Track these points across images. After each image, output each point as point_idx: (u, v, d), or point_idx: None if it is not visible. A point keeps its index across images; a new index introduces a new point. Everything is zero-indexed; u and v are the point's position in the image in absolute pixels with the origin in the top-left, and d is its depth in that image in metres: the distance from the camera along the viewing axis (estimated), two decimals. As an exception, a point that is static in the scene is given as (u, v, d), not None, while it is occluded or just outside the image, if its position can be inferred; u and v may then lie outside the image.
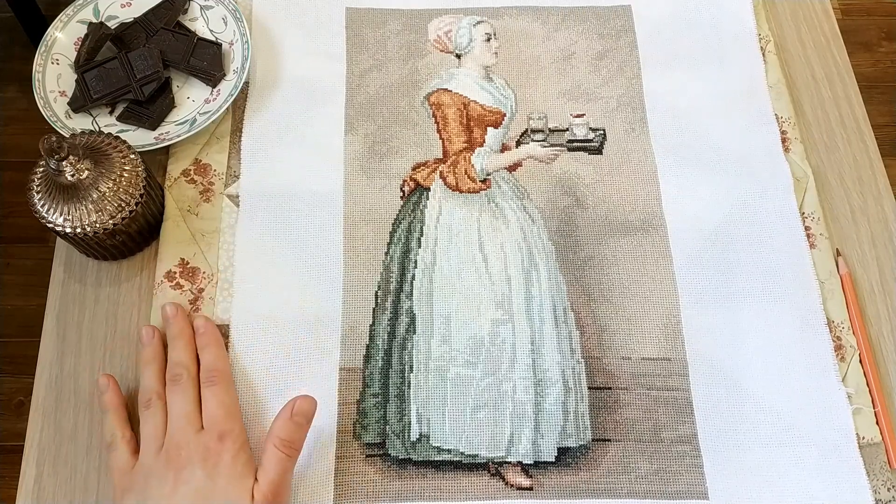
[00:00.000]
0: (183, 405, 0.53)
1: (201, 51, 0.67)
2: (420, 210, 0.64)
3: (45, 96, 0.65)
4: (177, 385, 0.54)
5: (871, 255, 0.65)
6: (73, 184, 0.55)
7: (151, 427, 0.53)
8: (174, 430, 0.52)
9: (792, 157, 0.67)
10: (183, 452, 0.51)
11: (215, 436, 0.52)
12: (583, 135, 0.67)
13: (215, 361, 0.56)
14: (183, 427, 0.52)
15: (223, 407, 0.53)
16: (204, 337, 0.57)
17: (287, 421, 0.52)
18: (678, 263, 0.63)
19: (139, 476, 0.51)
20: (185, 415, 0.52)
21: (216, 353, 0.56)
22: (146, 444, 0.52)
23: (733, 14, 0.74)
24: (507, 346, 0.59)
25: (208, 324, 0.58)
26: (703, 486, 0.56)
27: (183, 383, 0.54)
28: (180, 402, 0.53)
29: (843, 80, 0.72)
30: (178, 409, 0.53)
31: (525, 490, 0.56)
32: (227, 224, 0.63)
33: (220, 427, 0.52)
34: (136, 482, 0.51)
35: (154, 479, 0.50)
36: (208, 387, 0.54)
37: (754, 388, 0.59)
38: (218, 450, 0.51)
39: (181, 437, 0.52)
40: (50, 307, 0.61)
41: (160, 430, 0.52)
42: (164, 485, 0.50)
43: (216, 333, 0.58)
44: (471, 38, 0.71)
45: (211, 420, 0.53)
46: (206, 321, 0.58)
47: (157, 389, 0.54)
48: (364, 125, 0.67)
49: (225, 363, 0.56)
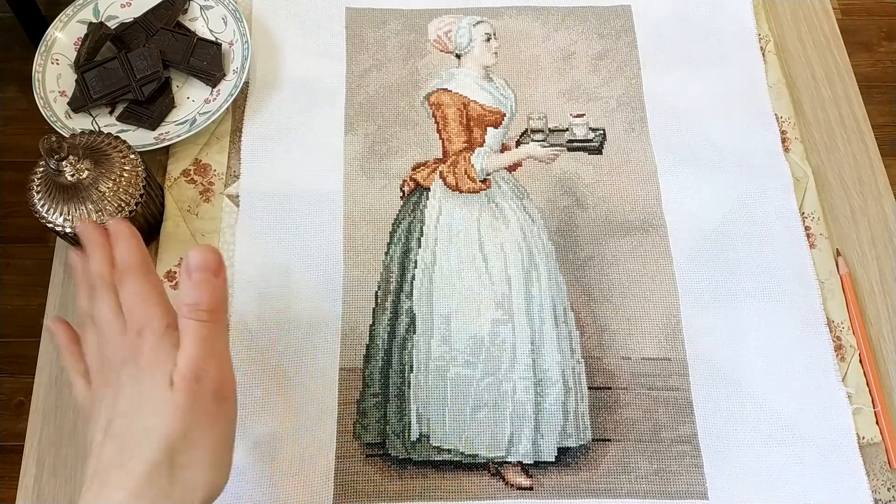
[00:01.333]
0: (102, 314, 0.47)
1: (201, 51, 0.67)
2: (420, 210, 0.64)
3: (45, 96, 0.65)
4: (94, 295, 0.48)
5: (871, 255, 0.65)
6: (73, 184, 0.55)
7: (89, 347, 0.47)
8: (102, 343, 0.46)
9: (792, 157, 0.67)
10: (113, 361, 0.45)
11: (134, 332, 0.45)
12: (583, 135, 0.67)
13: (127, 252, 0.47)
14: (107, 336, 0.46)
15: (138, 298, 0.46)
16: (114, 236, 0.48)
17: (189, 282, 0.44)
18: (678, 263, 0.63)
19: (93, 400, 0.46)
20: (106, 323, 0.46)
21: (126, 246, 0.48)
22: (91, 369, 0.47)
23: (733, 14, 0.74)
24: (507, 346, 0.59)
25: (119, 221, 0.49)
26: (703, 486, 0.56)
27: (99, 291, 0.47)
28: (100, 311, 0.47)
29: (843, 80, 0.72)
30: (100, 320, 0.47)
31: (525, 490, 0.56)
32: (227, 224, 0.63)
33: (138, 321, 0.45)
34: (92, 408, 0.46)
35: (97, 399, 0.45)
36: (120, 285, 0.47)
37: (754, 388, 0.59)
38: (138, 345, 0.44)
39: (108, 346, 0.46)
40: (50, 307, 0.61)
41: (98, 347, 0.47)
42: (105, 403, 0.44)
43: (126, 228, 0.49)
44: (471, 38, 0.71)
45: (130, 318, 0.45)
46: (117, 220, 0.50)
47: (87, 308, 0.49)
48: (364, 125, 0.67)
49: (135, 255, 0.47)
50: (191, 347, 0.43)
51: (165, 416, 0.41)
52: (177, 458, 0.41)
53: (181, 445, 0.41)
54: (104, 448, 0.42)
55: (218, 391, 0.43)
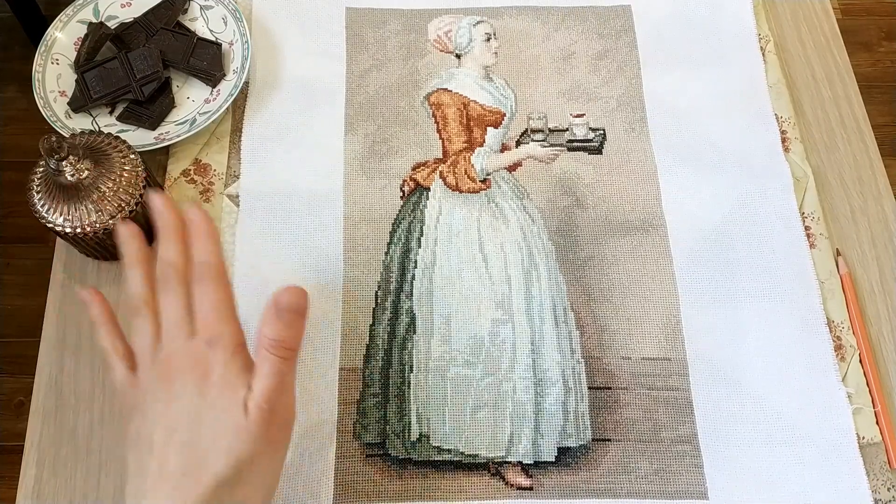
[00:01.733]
0: (173, 310, 0.47)
1: (201, 51, 0.67)
2: (420, 210, 0.64)
3: (45, 96, 0.65)
4: (166, 286, 0.47)
5: (871, 255, 0.65)
6: (73, 184, 0.55)
7: (143, 337, 0.47)
8: (165, 339, 0.46)
9: (792, 157, 0.67)
10: (174, 363, 0.45)
11: (205, 341, 0.45)
12: (583, 135, 0.67)
13: (206, 255, 0.48)
14: (173, 334, 0.46)
15: (214, 307, 0.46)
16: (196, 230, 0.49)
17: (274, 320, 0.45)
18: (678, 263, 0.63)
19: (139, 392, 0.46)
20: (176, 321, 0.46)
21: (207, 246, 0.48)
22: (140, 358, 0.47)
23: (733, 14, 0.74)
24: (507, 346, 0.59)
25: (201, 213, 0.49)
26: (703, 486, 0.56)
27: (172, 285, 0.47)
28: (169, 307, 0.47)
29: (843, 80, 0.72)
30: (167, 315, 0.47)
31: (525, 490, 0.56)
32: (227, 224, 0.63)
33: (211, 331, 0.46)
34: (137, 399, 0.46)
35: (150, 395, 0.45)
36: (197, 284, 0.47)
37: (754, 388, 0.59)
38: (208, 358, 0.45)
39: (171, 345, 0.46)
40: (50, 307, 0.61)
41: (153, 337, 0.47)
42: (158, 402, 0.45)
43: (208, 224, 0.49)
44: (471, 38, 0.71)
45: (201, 324, 0.46)
46: (198, 211, 0.50)
47: (145, 295, 0.48)
48: (364, 125, 0.67)
49: (217, 257, 0.48)
50: (268, 380, 0.44)
51: (240, 439, 0.43)
52: (243, 477, 0.43)
53: (249, 467, 0.43)
54: (168, 454, 0.43)
55: (285, 421, 0.46)
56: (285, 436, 0.46)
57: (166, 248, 0.48)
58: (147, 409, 0.45)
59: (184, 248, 0.49)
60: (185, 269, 0.48)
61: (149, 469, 0.44)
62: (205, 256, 0.48)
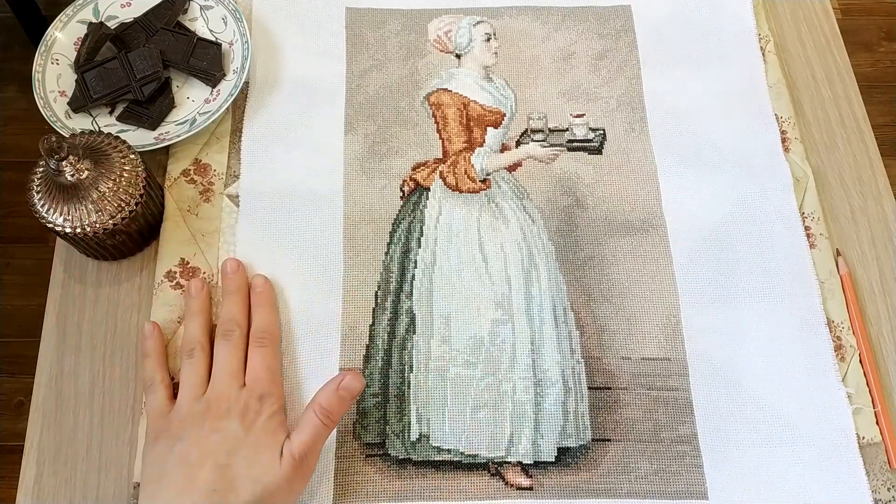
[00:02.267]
0: (231, 360, 0.54)
1: (201, 51, 0.67)
2: (420, 210, 0.64)
3: (45, 96, 0.65)
4: (228, 340, 0.55)
5: (871, 255, 0.65)
6: (73, 184, 0.55)
7: (192, 375, 0.54)
8: (217, 382, 0.53)
9: (792, 157, 0.67)
10: (223, 405, 0.52)
11: (257, 395, 0.53)
12: (583, 135, 0.67)
13: (268, 324, 0.57)
14: (227, 381, 0.53)
15: (268, 370, 0.54)
16: (261, 296, 0.58)
17: (333, 392, 0.52)
18: (678, 263, 0.63)
19: (175, 419, 0.52)
20: (232, 370, 0.54)
21: (269, 315, 0.57)
22: (185, 391, 0.53)
23: (733, 14, 0.74)
24: (507, 346, 0.59)
25: (266, 283, 0.59)
26: (703, 486, 0.56)
27: (235, 339, 0.55)
28: (228, 357, 0.54)
29: (843, 80, 0.72)
30: (224, 363, 0.54)
31: (525, 490, 0.56)
32: (227, 224, 0.63)
33: (263, 388, 0.53)
34: (171, 425, 0.52)
35: (190, 422, 0.51)
36: (257, 347, 0.55)
37: (754, 388, 0.59)
38: (257, 408, 0.52)
39: (223, 389, 0.53)
40: (50, 307, 0.61)
41: (201, 378, 0.54)
42: (199, 429, 0.51)
43: (272, 294, 0.59)
44: (471, 38, 0.71)
45: (255, 380, 0.54)
46: (265, 280, 0.59)
47: (202, 340, 0.55)
48: (364, 125, 0.67)
49: (276, 327, 0.57)
50: (307, 436, 0.51)
51: (270, 474, 0.50)
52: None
53: (269, 501, 0.50)
54: (200, 471, 0.49)
55: (307, 472, 0.52)
56: (302, 485, 0.52)
57: (231, 306, 0.57)
58: (185, 435, 0.51)
59: (247, 310, 0.57)
60: (245, 329, 0.56)
61: (176, 481, 0.49)
62: (266, 325, 0.57)
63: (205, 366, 0.54)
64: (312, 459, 0.52)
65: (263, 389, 0.53)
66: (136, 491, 0.54)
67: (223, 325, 0.56)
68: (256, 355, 0.55)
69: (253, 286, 0.59)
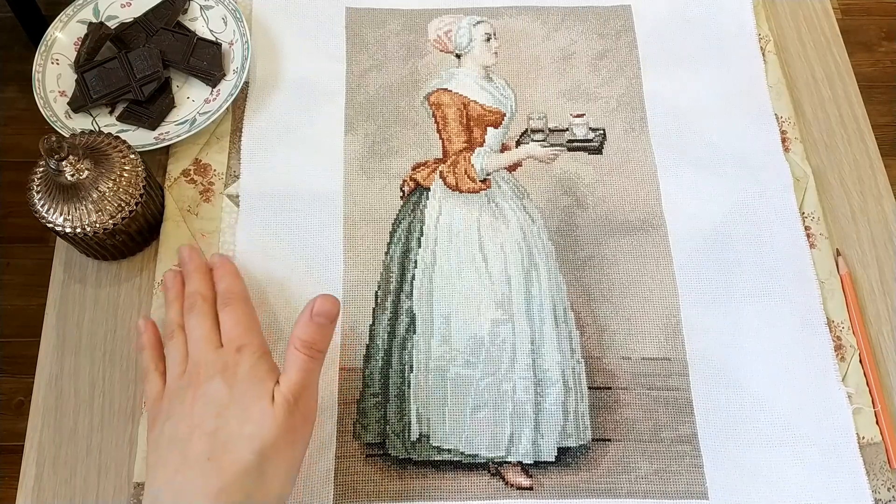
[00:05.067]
0: (200, 328, 0.53)
1: (201, 51, 0.67)
2: (420, 210, 0.64)
3: (45, 96, 0.65)
4: (193, 311, 0.54)
5: (871, 255, 0.65)
6: (73, 184, 0.55)
7: (174, 354, 0.53)
8: (193, 352, 0.52)
9: (792, 157, 0.67)
10: (202, 370, 0.50)
11: (233, 349, 0.51)
12: (583, 135, 0.67)
13: (230, 285, 0.56)
14: (202, 347, 0.52)
15: (240, 324, 0.53)
16: (220, 269, 0.57)
17: (307, 322, 0.50)
18: (678, 263, 0.63)
19: (165, 400, 0.51)
20: (203, 336, 0.52)
21: (230, 279, 0.56)
22: (170, 371, 0.53)
23: (733, 14, 0.74)
24: (507, 346, 0.59)
25: (223, 258, 0.59)
26: (703, 486, 0.56)
27: (198, 307, 0.54)
28: (197, 326, 0.53)
29: (843, 80, 0.72)
30: (195, 333, 0.53)
31: (525, 490, 0.56)
32: (227, 224, 0.63)
33: (238, 341, 0.52)
34: (163, 406, 0.51)
35: (175, 399, 0.50)
36: (224, 307, 0.54)
37: (754, 388, 0.59)
38: (236, 360, 0.50)
39: (200, 356, 0.51)
40: (50, 307, 0.61)
41: (182, 355, 0.53)
42: (183, 402, 0.49)
43: (231, 265, 0.58)
44: (471, 38, 0.71)
45: (229, 337, 0.52)
46: (221, 256, 0.59)
47: (179, 321, 0.55)
48: (364, 125, 0.67)
49: (239, 286, 0.56)
50: (295, 375, 0.49)
51: (265, 426, 0.47)
52: (265, 465, 0.46)
53: (271, 455, 0.47)
54: (192, 444, 0.47)
55: (307, 415, 0.50)
56: (306, 431, 0.50)
57: (192, 283, 0.56)
58: (172, 411, 0.49)
59: (209, 283, 0.56)
60: (210, 298, 0.55)
61: (170, 460, 0.47)
62: (229, 287, 0.55)
63: (184, 343, 0.54)
64: (310, 400, 0.50)
65: (239, 342, 0.51)
66: (136, 491, 0.54)
67: (187, 301, 0.55)
68: (225, 314, 0.54)
69: (212, 264, 0.58)
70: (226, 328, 0.53)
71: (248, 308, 0.55)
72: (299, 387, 0.49)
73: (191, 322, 0.54)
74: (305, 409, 0.49)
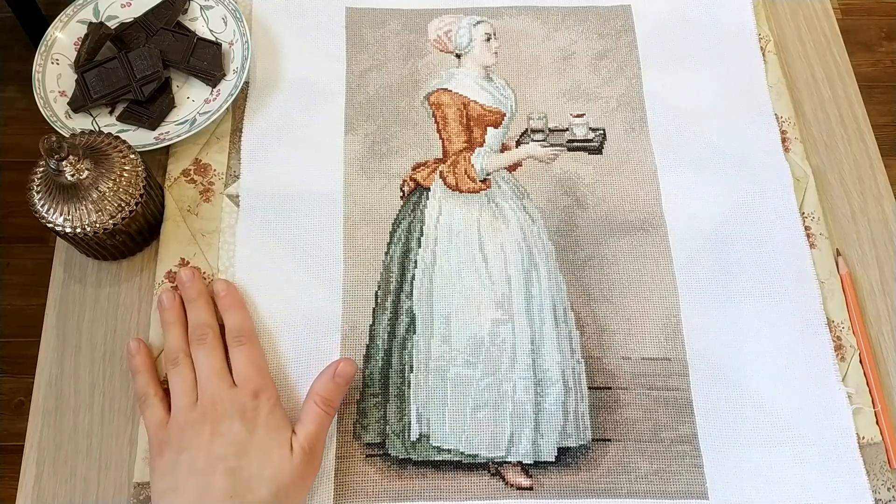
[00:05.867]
0: (212, 362, 0.54)
1: (201, 51, 0.67)
2: (420, 210, 0.64)
3: (45, 96, 0.65)
4: (203, 344, 0.55)
5: (871, 255, 0.65)
6: (73, 184, 0.55)
7: (181, 383, 0.54)
8: (206, 386, 0.53)
9: (792, 157, 0.67)
10: (219, 407, 0.52)
11: (249, 392, 0.53)
12: (583, 135, 0.67)
13: (241, 322, 0.57)
14: (215, 383, 0.53)
15: (254, 365, 0.55)
16: (226, 299, 0.58)
17: (329, 380, 0.54)
18: (678, 263, 0.63)
19: (174, 429, 0.52)
20: (216, 372, 0.54)
21: (240, 314, 0.57)
22: (178, 400, 0.53)
23: (733, 14, 0.74)
24: (507, 346, 0.59)
25: (229, 286, 0.59)
26: (703, 486, 0.56)
27: (209, 342, 0.55)
28: (208, 360, 0.54)
29: (843, 80, 0.72)
30: (207, 367, 0.54)
31: (525, 490, 0.56)
32: (227, 224, 0.63)
33: (254, 384, 0.54)
34: (172, 435, 0.52)
35: (190, 431, 0.52)
36: (236, 347, 0.55)
37: (754, 388, 0.59)
38: (254, 405, 0.53)
39: (215, 392, 0.53)
40: (50, 307, 0.61)
41: (190, 385, 0.54)
42: (201, 435, 0.51)
43: (238, 295, 0.59)
44: (471, 38, 0.71)
45: (243, 378, 0.54)
46: (226, 284, 0.59)
47: (183, 348, 0.56)
48: (364, 125, 0.67)
49: (250, 324, 0.58)
50: (312, 427, 0.53)
51: (284, 471, 0.51)
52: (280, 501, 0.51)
53: (286, 495, 0.51)
54: (213, 477, 0.50)
55: (316, 461, 0.54)
56: (313, 475, 0.54)
57: (197, 311, 0.57)
58: (188, 443, 0.51)
59: (212, 313, 0.58)
60: (217, 330, 0.57)
61: (188, 489, 0.50)
62: (240, 324, 0.57)
63: (191, 372, 0.55)
64: (319, 449, 0.53)
65: (255, 386, 0.54)
66: (136, 491, 0.54)
67: (195, 332, 0.56)
68: (238, 354, 0.55)
69: (216, 292, 0.58)
70: (239, 367, 0.55)
71: (259, 348, 0.57)
72: (314, 437, 0.53)
73: (199, 354, 0.55)
74: (316, 457, 0.53)
